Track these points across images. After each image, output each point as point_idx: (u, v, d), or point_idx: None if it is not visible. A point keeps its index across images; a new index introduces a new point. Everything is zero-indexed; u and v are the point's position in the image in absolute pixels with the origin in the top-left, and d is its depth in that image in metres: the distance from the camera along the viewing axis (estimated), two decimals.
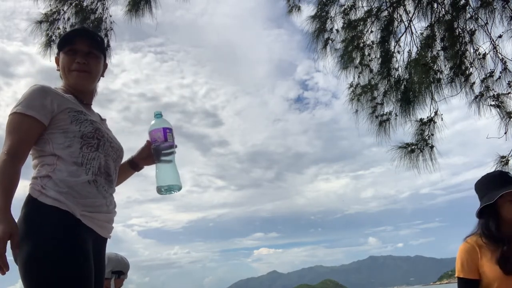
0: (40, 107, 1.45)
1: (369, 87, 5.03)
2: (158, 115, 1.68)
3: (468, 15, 4.33)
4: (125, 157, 1.76)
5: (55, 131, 1.48)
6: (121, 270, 2.56)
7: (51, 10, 4.70)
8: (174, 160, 1.70)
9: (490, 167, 4.18)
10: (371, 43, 5.03)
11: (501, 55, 4.20)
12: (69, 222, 1.39)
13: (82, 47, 1.61)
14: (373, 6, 4.99)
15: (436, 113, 4.56)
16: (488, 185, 1.98)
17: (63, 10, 4.72)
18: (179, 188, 1.71)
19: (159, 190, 1.68)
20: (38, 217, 1.35)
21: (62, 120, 1.49)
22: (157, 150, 1.67)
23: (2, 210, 1.29)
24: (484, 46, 4.27)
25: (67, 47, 1.61)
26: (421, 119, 4.64)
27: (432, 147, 4.55)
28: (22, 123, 1.43)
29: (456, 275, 1.93)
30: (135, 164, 1.80)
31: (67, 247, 1.35)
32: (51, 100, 1.48)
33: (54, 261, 1.31)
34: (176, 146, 1.70)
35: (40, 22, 4.68)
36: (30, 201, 1.40)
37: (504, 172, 2.01)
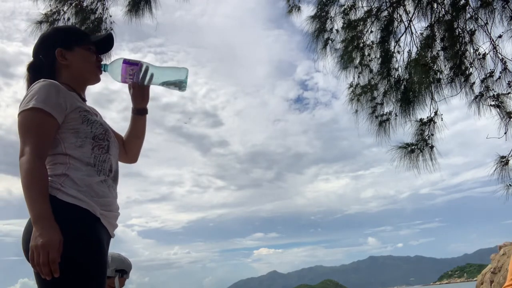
0: (57, 105, 1.43)
1: (369, 87, 5.03)
2: (106, 66, 1.66)
3: (468, 15, 4.33)
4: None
5: (66, 130, 1.45)
6: (124, 269, 2.58)
7: (51, 10, 4.70)
8: (154, 67, 1.68)
9: (490, 167, 4.19)
10: (371, 43, 5.03)
11: (501, 55, 4.20)
12: (90, 221, 1.39)
13: (93, 48, 1.66)
14: (373, 6, 4.99)
15: (436, 113, 4.56)
16: None
17: (63, 10, 4.72)
18: (187, 70, 1.68)
19: (182, 88, 1.67)
20: (59, 215, 1.31)
21: (73, 119, 1.47)
22: (142, 78, 1.68)
23: (48, 217, 1.27)
24: (484, 46, 4.28)
25: (88, 44, 1.64)
26: (421, 119, 4.64)
27: (432, 147, 4.55)
28: (44, 121, 1.40)
29: (506, 284, 1.87)
30: (142, 110, 1.78)
31: (92, 245, 1.35)
32: (64, 99, 1.45)
33: (81, 260, 1.30)
34: (142, 64, 1.68)
35: (40, 22, 4.67)
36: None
37: None
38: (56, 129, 1.43)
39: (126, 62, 1.65)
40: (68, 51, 1.59)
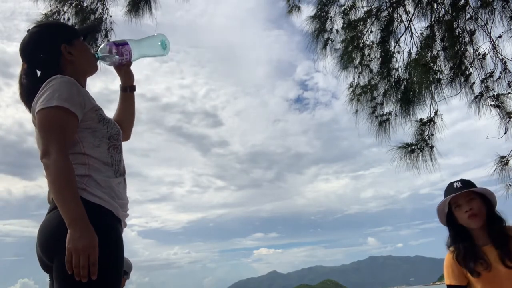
0: (78, 104, 1.41)
1: (369, 87, 5.03)
2: (98, 56, 1.68)
3: (468, 15, 4.33)
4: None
5: (84, 130, 1.44)
6: (125, 270, 2.58)
7: (51, 10, 4.70)
8: (134, 42, 1.72)
9: (490, 167, 4.19)
10: (371, 43, 5.03)
11: (501, 55, 4.20)
12: (114, 222, 1.40)
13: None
14: (373, 6, 4.99)
15: (436, 113, 4.56)
16: (445, 195, 2.05)
17: (63, 10, 4.72)
18: (163, 35, 1.75)
19: (163, 53, 1.75)
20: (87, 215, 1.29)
21: (90, 118, 1.45)
22: (128, 58, 1.72)
23: (86, 219, 1.25)
24: (484, 46, 4.28)
25: (80, 35, 1.66)
26: (421, 119, 4.64)
27: (432, 147, 4.55)
28: (69, 119, 1.37)
29: (446, 283, 2.04)
30: (132, 87, 1.82)
31: (116, 246, 1.36)
32: (82, 97, 1.44)
33: (107, 259, 1.29)
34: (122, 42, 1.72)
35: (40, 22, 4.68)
36: None
37: (453, 181, 2.05)
38: (77, 129, 1.42)
39: (117, 44, 1.70)
40: (70, 46, 1.59)
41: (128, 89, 1.82)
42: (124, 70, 1.79)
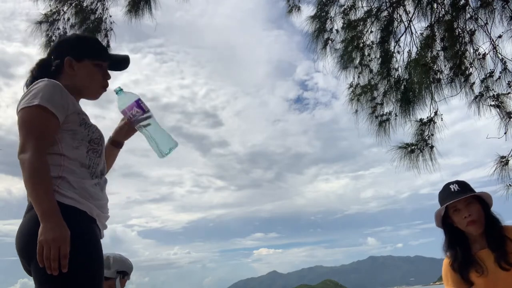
0: (60, 105, 1.44)
1: (369, 87, 5.03)
2: (120, 91, 1.67)
3: (468, 15, 4.32)
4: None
5: (64, 131, 1.47)
6: (125, 271, 2.58)
7: (51, 10, 4.70)
8: (155, 121, 1.70)
9: (490, 167, 4.19)
10: (371, 43, 5.03)
11: (501, 55, 4.20)
12: (88, 222, 1.41)
13: (105, 65, 1.67)
14: (373, 6, 4.99)
15: (436, 113, 4.56)
16: (439, 200, 2.03)
17: (63, 10, 4.72)
18: (177, 145, 1.71)
19: (162, 155, 1.69)
20: None
21: (72, 121, 1.49)
22: (138, 122, 1.69)
23: (58, 213, 1.28)
24: (484, 46, 4.27)
25: (99, 61, 1.64)
26: (421, 119, 4.64)
27: (432, 147, 4.55)
28: (48, 119, 1.41)
29: None
30: (118, 143, 1.81)
31: (92, 246, 1.37)
32: (66, 100, 1.48)
33: (82, 259, 1.31)
34: (149, 112, 1.70)
35: (40, 22, 4.68)
36: None
37: (448, 183, 2.01)
38: (57, 129, 1.45)
39: (138, 102, 1.67)
40: (77, 61, 1.60)
41: (119, 145, 1.81)
42: (124, 126, 1.78)
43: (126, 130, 1.79)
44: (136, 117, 1.68)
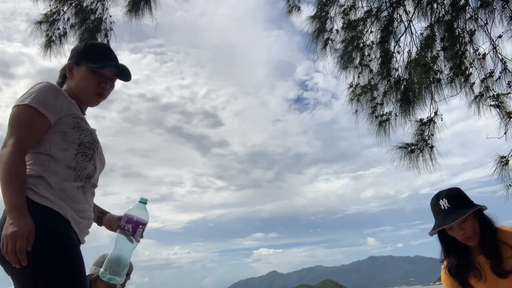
0: (52, 107, 1.47)
1: (369, 87, 5.03)
2: (143, 202, 1.61)
3: (468, 15, 4.32)
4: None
5: (55, 132, 1.49)
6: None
7: (51, 10, 4.70)
8: (130, 246, 1.59)
9: (490, 167, 4.19)
10: (371, 43, 5.03)
11: (501, 55, 4.20)
12: (61, 223, 1.40)
13: (109, 73, 1.66)
14: (373, 6, 4.99)
15: (436, 113, 4.56)
16: (432, 212, 2.00)
17: (63, 10, 4.72)
18: (120, 282, 1.58)
19: (103, 274, 1.54)
20: (30, 214, 1.32)
21: (65, 123, 1.50)
22: (122, 231, 1.59)
23: (21, 206, 1.30)
24: (484, 46, 4.27)
25: (95, 67, 1.62)
26: (421, 119, 4.64)
27: (432, 147, 4.55)
28: (35, 119, 1.43)
29: None
30: (101, 222, 1.75)
31: (63, 246, 1.36)
32: (61, 103, 1.50)
33: (52, 260, 1.31)
34: (139, 241, 1.61)
35: (40, 22, 4.68)
36: None
37: (438, 196, 1.96)
38: (46, 129, 1.46)
39: (140, 226, 1.58)
40: (77, 66, 1.63)
41: (99, 223, 1.76)
42: (115, 226, 1.65)
43: (110, 225, 1.69)
44: (124, 229, 1.57)
